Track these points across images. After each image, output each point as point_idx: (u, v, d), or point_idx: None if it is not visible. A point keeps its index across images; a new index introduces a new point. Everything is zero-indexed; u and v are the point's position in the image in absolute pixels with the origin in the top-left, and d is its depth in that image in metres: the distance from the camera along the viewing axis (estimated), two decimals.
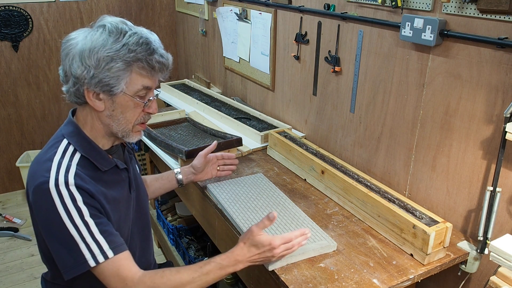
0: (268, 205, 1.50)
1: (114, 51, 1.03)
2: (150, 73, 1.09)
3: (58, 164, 1.05)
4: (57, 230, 1.02)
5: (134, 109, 1.11)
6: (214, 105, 2.52)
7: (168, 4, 3.64)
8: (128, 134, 1.14)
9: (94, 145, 1.13)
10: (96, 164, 1.11)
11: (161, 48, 1.10)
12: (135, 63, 1.05)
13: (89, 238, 1.02)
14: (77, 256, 1.02)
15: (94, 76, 1.04)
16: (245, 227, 1.39)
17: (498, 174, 1.22)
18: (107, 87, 1.05)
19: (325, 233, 1.36)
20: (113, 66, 1.04)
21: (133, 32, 1.06)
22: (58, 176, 1.03)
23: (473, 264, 1.33)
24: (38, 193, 1.02)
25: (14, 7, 3.06)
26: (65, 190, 1.02)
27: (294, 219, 1.42)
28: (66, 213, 1.01)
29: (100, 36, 1.04)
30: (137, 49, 1.05)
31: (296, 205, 1.52)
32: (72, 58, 1.06)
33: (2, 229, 2.93)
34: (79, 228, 1.02)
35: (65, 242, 1.02)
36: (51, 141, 1.13)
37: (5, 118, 3.26)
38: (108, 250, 1.04)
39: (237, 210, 1.48)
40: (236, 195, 1.57)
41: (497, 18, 1.18)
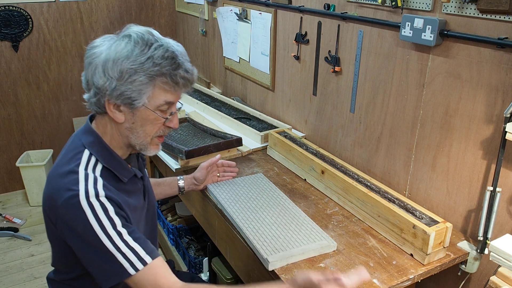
0: (268, 205, 1.50)
1: (138, 63, 1.00)
2: (173, 88, 1.06)
3: (85, 176, 1.03)
4: (91, 242, 1.00)
5: (154, 123, 1.09)
6: (214, 105, 2.52)
7: (168, 4, 3.64)
8: (146, 147, 1.12)
9: (115, 155, 1.11)
10: (117, 175, 1.10)
11: (187, 62, 1.07)
12: (159, 77, 1.02)
13: (124, 248, 1.01)
14: (115, 266, 1.00)
15: (116, 88, 1.02)
16: (245, 227, 1.39)
17: (498, 174, 1.22)
18: (129, 100, 1.03)
19: (325, 233, 1.36)
20: (136, 79, 1.01)
21: (159, 44, 1.03)
22: (87, 189, 1.01)
23: (473, 264, 1.33)
24: (68, 207, 1.00)
25: (14, 7, 3.06)
26: (96, 202, 1.00)
27: (294, 219, 1.42)
28: (99, 225, 1.00)
29: (125, 47, 1.01)
30: (162, 63, 1.02)
31: (296, 205, 1.52)
32: (95, 67, 1.03)
33: (2, 229, 2.93)
34: (113, 238, 1.00)
35: (101, 254, 1.00)
36: (70, 151, 1.10)
37: (5, 118, 3.26)
38: (146, 256, 1.03)
39: (237, 210, 1.48)
40: (236, 195, 1.57)
41: (497, 18, 1.18)
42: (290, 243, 1.30)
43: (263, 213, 1.46)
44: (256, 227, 1.38)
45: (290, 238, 1.33)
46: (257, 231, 1.36)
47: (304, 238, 1.33)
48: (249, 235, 1.34)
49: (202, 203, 1.76)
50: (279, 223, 1.40)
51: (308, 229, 1.37)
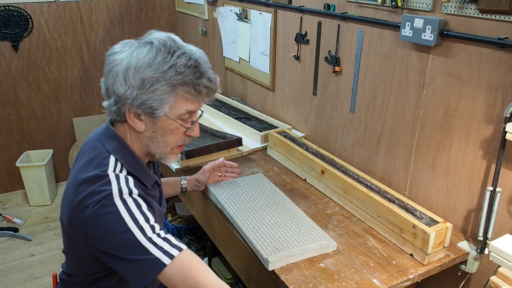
0: (268, 205, 1.50)
1: (161, 72, 0.98)
2: (196, 98, 1.04)
3: (116, 177, 1.01)
4: (124, 237, 0.95)
5: (175, 132, 1.07)
6: (214, 105, 2.52)
7: (168, 4, 3.64)
8: (166, 156, 1.11)
9: (139, 161, 1.10)
10: (142, 180, 1.09)
11: (210, 70, 1.05)
12: (181, 86, 1.00)
13: (158, 239, 0.97)
14: (149, 259, 0.95)
15: (137, 97, 0.99)
16: (245, 227, 1.39)
17: (498, 174, 1.22)
18: (150, 109, 1.01)
19: (325, 233, 1.36)
20: (158, 88, 0.98)
21: (182, 51, 1.01)
22: (120, 187, 0.99)
23: (473, 264, 1.33)
24: (101, 207, 0.96)
25: (14, 7, 3.06)
26: (129, 199, 0.99)
27: (294, 219, 1.42)
28: (132, 218, 0.96)
29: (147, 54, 0.99)
30: (185, 71, 0.99)
31: (296, 205, 1.52)
32: (115, 75, 1.00)
33: (2, 229, 2.92)
34: (146, 232, 0.96)
35: (134, 249, 0.95)
36: (95, 157, 1.05)
37: (5, 118, 3.26)
38: (180, 243, 0.99)
39: (237, 210, 1.48)
40: (236, 195, 1.57)
41: (497, 18, 1.18)
42: (290, 243, 1.30)
43: (263, 213, 1.46)
44: (256, 227, 1.38)
45: (290, 238, 1.33)
46: (257, 231, 1.36)
47: (304, 238, 1.33)
48: (249, 235, 1.34)
49: (202, 203, 1.76)
50: (279, 223, 1.40)
51: (308, 229, 1.37)
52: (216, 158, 1.86)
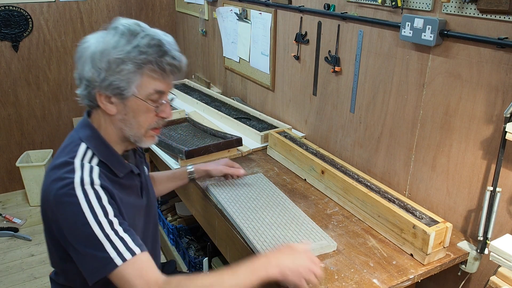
0: (268, 205, 1.50)
1: (125, 53, 1.01)
2: (161, 76, 1.06)
3: (81, 166, 1.04)
4: (82, 230, 0.98)
5: (147, 113, 1.09)
6: (214, 105, 2.52)
7: (168, 4, 3.64)
8: (141, 139, 1.12)
9: (111, 149, 1.12)
10: (113, 169, 1.10)
11: (174, 50, 1.07)
12: (146, 65, 1.03)
13: (114, 236, 0.99)
14: (103, 256, 0.98)
15: (105, 79, 1.03)
16: (245, 227, 1.39)
17: (498, 174, 1.22)
18: (118, 90, 1.04)
19: (325, 233, 1.36)
20: (123, 68, 1.02)
21: (146, 33, 1.04)
22: (83, 176, 1.01)
23: (473, 264, 1.33)
24: (62, 194, 0.99)
25: (14, 7, 3.06)
26: (90, 189, 1.01)
27: (294, 219, 1.42)
28: (91, 211, 0.99)
29: (112, 38, 1.03)
30: (148, 50, 1.02)
31: (296, 205, 1.52)
32: (84, 61, 1.04)
33: (2, 229, 2.92)
34: (103, 226, 0.99)
35: (90, 245, 0.98)
36: (68, 144, 1.10)
37: (5, 118, 3.26)
38: (134, 247, 1.01)
39: (237, 210, 1.48)
40: (236, 195, 1.57)
41: (497, 18, 1.18)
42: (290, 243, 1.30)
43: (263, 213, 1.46)
44: (256, 227, 1.38)
45: (290, 238, 1.33)
46: (257, 231, 1.36)
47: (304, 238, 1.33)
48: (249, 235, 1.34)
49: (202, 203, 1.76)
50: (279, 223, 1.40)
51: (308, 229, 1.37)
52: (216, 158, 1.86)
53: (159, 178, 1.55)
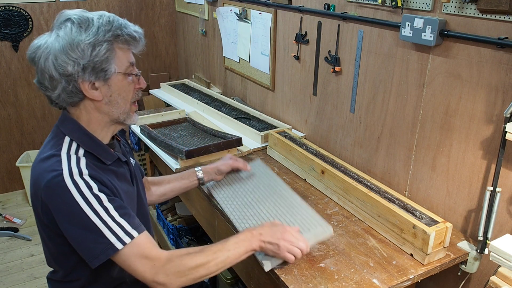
0: (265, 197, 1.49)
1: (93, 36, 1.05)
2: (131, 46, 1.12)
3: (68, 157, 1.06)
4: (78, 220, 1.01)
5: (128, 87, 1.13)
6: (214, 105, 2.52)
7: (168, 4, 3.64)
8: (128, 115, 1.16)
9: (95, 139, 1.13)
10: (100, 158, 1.12)
11: (127, 21, 1.13)
12: (116, 39, 1.08)
13: (111, 222, 1.03)
14: (103, 241, 1.02)
15: (85, 66, 1.05)
16: (241, 226, 1.38)
17: (498, 174, 1.22)
18: (102, 72, 1.07)
19: (320, 218, 1.33)
20: (99, 50, 1.05)
21: (99, 15, 1.09)
22: (71, 168, 1.03)
23: (473, 264, 1.33)
24: (52, 187, 1.01)
25: (14, 7, 3.06)
26: (80, 180, 1.02)
27: (289, 209, 1.40)
28: (85, 201, 1.01)
29: (72, 30, 1.05)
30: (111, 27, 1.07)
31: (291, 191, 1.50)
32: (55, 59, 1.04)
33: (2, 229, 2.93)
34: (100, 214, 1.02)
35: (88, 231, 1.01)
36: (51, 140, 1.12)
37: (5, 118, 3.26)
38: (132, 230, 1.05)
39: (234, 210, 1.47)
40: (233, 192, 1.56)
41: (497, 18, 1.18)
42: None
43: (260, 207, 1.44)
44: (252, 224, 1.37)
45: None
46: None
47: (300, 227, 1.31)
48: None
49: (202, 203, 1.76)
50: (275, 215, 1.39)
51: (304, 218, 1.35)
52: (216, 158, 1.86)
53: (167, 178, 1.56)
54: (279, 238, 1.16)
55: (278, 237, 1.16)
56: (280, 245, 1.15)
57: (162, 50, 3.76)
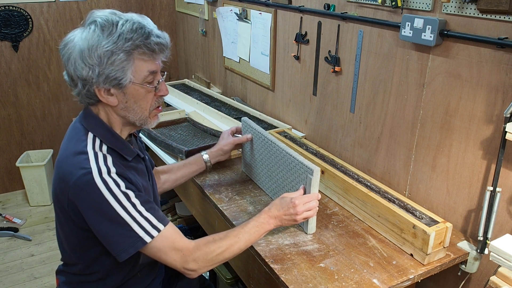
0: (270, 164, 1.52)
1: (112, 43, 1.04)
2: (151, 57, 1.09)
3: (95, 155, 1.07)
4: (108, 216, 1.05)
5: (146, 96, 1.12)
6: (214, 105, 2.52)
7: (168, 4, 3.64)
8: (146, 120, 1.16)
9: (117, 135, 1.15)
10: (122, 154, 1.14)
11: (156, 29, 1.11)
12: (135, 50, 1.06)
13: (139, 217, 1.07)
14: (132, 235, 1.06)
15: (100, 73, 1.05)
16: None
17: (498, 174, 1.22)
18: (116, 81, 1.06)
19: (302, 159, 1.35)
20: (115, 59, 1.04)
21: (125, 20, 1.06)
22: (99, 166, 1.05)
23: (473, 264, 1.33)
24: (82, 185, 1.04)
25: (14, 7, 3.06)
26: (109, 178, 1.05)
27: (286, 164, 1.44)
28: (115, 198, 1.05)
29: (94, 33, 1.04)
30: (133, 36, 1.05)
31: (280, 146, 1.47)
32: (74, 61, 1.06)
33: (2, 229, 2.93)
34: (128, 209, 1.06)
35: (117, 225, 1.05)
36: (74, 135, 1.13)
37: (5, 118, 3.26)
38: (158, 224, 1.10)
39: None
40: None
41: (497, 18, 1.18)
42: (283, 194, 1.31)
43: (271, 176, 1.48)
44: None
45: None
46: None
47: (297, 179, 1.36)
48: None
49: (202, 203, 1.76)
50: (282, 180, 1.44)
51: (298, 170, 1.37)
52: None
53: (175, 165, 1.60)
54: (290, 208, 1.25)
55: (290, 207, 1.25)
56: (294, 212, 1.25)
57: None
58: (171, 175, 1.57)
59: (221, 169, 1.80)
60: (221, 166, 1.83)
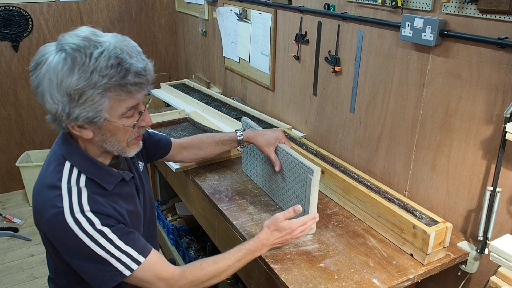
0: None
1: (84, 81, 0.91)
2: (129, 96, 0.97)
3: (69, 191, 1.00)
4: (83, 254, 1.00)
5: (124, 131, 1.03)
6: (214, 105, 2.52)
7: (168, 4, 3.64)
8: (124, 151, 1.08)
9: (97, 163, 1.07)
10: (102, 184, 1.06)
11: (137, 62, 0.96)
12: (111, 89, 0.94)
13: (117, 252, 1.02)
14: (110, 270, 1.01)
15: (70, 111, 0.94)
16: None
17: (498, 174, 1.22)
18: (88, 120, 0.96)
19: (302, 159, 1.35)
20: (87, 98, 0.93)
21: (99, 51, 0.92)
22: (72, 205, 0.99)
23: (473, 264, 1.33)
24: (53, 224, 0.99)
25: (14, 7, 3.06)
26: (82, 217, 0.99)
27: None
28: (89, 238, 0.99)
29: (64, 65, 0.92)
30: (109, 73, 0.92)
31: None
32: (42, 95, 0.95)
33: (2, 229, 2.93)
34: (105, 247, 1.00)
35: (95, 262, 1.01)
36: (52, 162, 1.06)
37: (5, 118, 3.26)
38: (139, 256, 1.04)
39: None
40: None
41: (497, 18, 1.18)
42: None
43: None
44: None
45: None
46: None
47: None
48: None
49: (202, 203, 1.76)
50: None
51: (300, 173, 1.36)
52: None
53: (206, 140, 1.55)
54: (286, 234, 1.23)
55: (286, 234, 1.23)
56: (289, 237, 1.24)
57: (162, 50, 3.76)
58: (199, 152, 1.53)
59: (221, 169, 1.80)
60: (221, 166, 1.83)
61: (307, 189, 1.32)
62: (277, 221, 1.22)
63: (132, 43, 1.00)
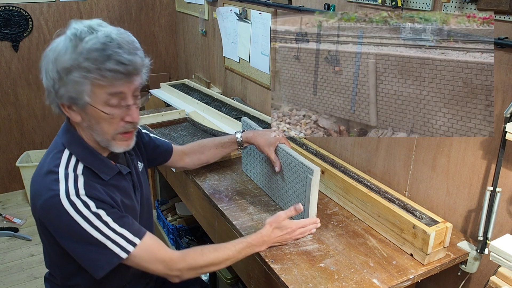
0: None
1: (71, 61, 0.96)
2: (109, 82, 0.98)
3: (65, 176, 1.03)
4: (79, 237, 1.01)
5: (109, 120, 1.03)
6: (214, 105, 2.52)
7: (168, 4, 3.64)
8: (110, 144, 1.07)
9: (95, 153, 1.09)
10: (98, 173, 1.08)
11: (123, 52, 0.97)
12: (92, 72, 0.96)
13: (113, 235, 1.03)
14: (107, 253, 1.03)
15: (59, 89, 1.00)
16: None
17: (498, 174, 1.22)
18: (71, 100, 1.00)
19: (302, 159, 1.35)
20: (71, 78, 0.97)
21: (93, 36, 0.96)
22: (68, 188, 1.01)
23: (473, 264, 1.33)
24: (48, 207, 1.00)
25: (14, 7, 3.06)
26: (77, 200, 1.01)
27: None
28: (85, 219, 1.00)
29: (60, 45, 0.99)
30: (91, 56, 0.95)
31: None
32: (42, 70, 1.03)
33: (2, 229, 2.93)
34: (100, 229, 1.02)
35: (91, 245, 1.02)
36: (51, 150, 1.09)
37: (5, 118, 3.26)
38: (134, 238, 1.06)
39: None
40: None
41: (497, 18, 1.18)
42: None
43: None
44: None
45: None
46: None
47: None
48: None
49: (202, 203, 1.76)
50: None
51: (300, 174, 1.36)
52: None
53: (206, 144, 1.57)
54: (286, 233, 1.28)
55: (286, 233, 1.28)
56: (289, 237, 1.29)
57: (162, 50, 3.76)
58: (201, 156, 1.55)
59: (221, 169, 1.80)
60: (221, 166, 1.83)
61: (307, 189, 1.32)
62: (279, 218, 1.25)
63: (130, 38, 1.03)
